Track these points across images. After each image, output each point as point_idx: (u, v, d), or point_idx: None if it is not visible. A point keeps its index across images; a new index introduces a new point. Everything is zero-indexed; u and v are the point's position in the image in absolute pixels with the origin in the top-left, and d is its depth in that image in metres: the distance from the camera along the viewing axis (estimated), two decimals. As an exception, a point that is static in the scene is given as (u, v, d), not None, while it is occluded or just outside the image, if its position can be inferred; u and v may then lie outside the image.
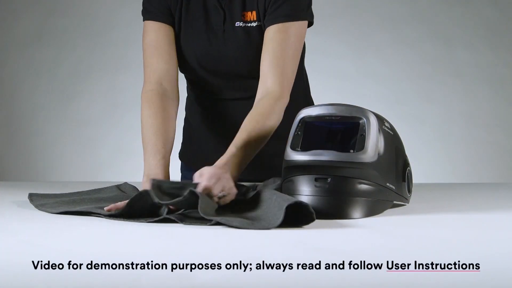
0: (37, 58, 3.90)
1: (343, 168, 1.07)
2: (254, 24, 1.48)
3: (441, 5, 3.81)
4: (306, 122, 1.15)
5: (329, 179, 1.08)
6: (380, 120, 1.14)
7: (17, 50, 3.91)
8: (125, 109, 3.84)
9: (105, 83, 3.88)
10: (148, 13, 1.54)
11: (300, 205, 0.98)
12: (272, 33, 1.43)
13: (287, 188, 1.12)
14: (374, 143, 1.09)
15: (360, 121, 1.11)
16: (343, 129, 1.13)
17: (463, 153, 3.82)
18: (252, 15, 1.48)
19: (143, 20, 1.56)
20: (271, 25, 1.43)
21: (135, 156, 3.66)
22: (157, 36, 1.51)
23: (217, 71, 1.52)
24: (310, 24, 1.48)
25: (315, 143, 1.12)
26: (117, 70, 3.85)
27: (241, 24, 1.49)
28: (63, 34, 3.89)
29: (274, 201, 1.02)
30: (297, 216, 0.99)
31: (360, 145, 1.08)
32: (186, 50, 1.52)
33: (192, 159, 1.65)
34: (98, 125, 3.88)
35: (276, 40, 1.43)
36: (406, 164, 1.20)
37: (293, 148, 1.12)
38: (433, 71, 3.78)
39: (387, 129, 1.15)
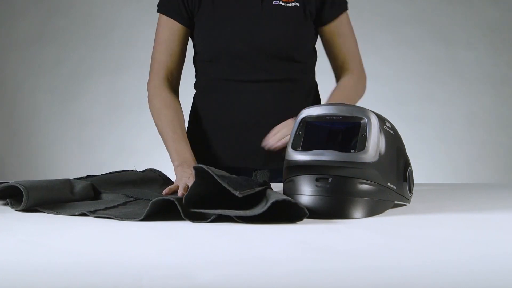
0: (38, 58, 3.90)
1: (344, 168, 1.07)
2: (292, 5, 1.56)
3: (442, 5, 3.81)
4: (307, 122, 1.15)
5: (330, 179, 1.08)
6: (381, 120, 1.14)
7: (18, 50, 3.92)
8: (126, 109, 3.84)
9: (106, 83, 3.88)
10: (164, 8, 1.60)
11: (289, 203, 0.99)
12: (338, 29, 1.61)
13: (288, 188, 1.12)
14: (375, 143, 1.09)
15: (361, 121, 1.11)
16: (344, 129, 1.13)
17: (463, 153, 3.82)
18: None
19: (158, 12, 1.62)
20: (337, 17, 1.61)
21: (136, 155, 3.67)
22: (171, 34, 1.60)
23: (251, 49, 1.55)
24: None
25: (316, 143, 1.12)
26: (118, 70, 3.86)
27: (279, 3, 1.56)
28: (64, 35, 3.89)
29: (266, 196, 1.03)
30: (290, 214, 1.00)
31: (361, 145, 1.08)
32: (220, 28, 1.56)
33: (205, 156, 1.63)
34: (99, 125, 3.88)
35: (344, 35, 1.62)
36: (407, 164, 1.20)
37: (294, 148, 1.12)
38: (434, 71, 3.78)
39: (388, 129, 1.15)
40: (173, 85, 1.62)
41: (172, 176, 1.49)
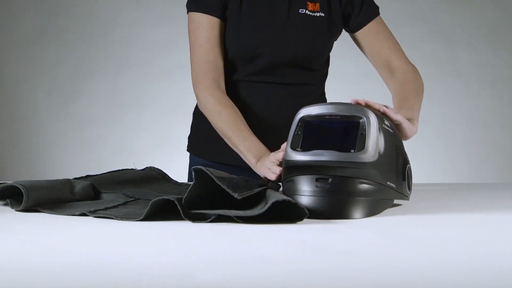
0: (38, 58, 3.90)
1: (344, 168, 1.07)
2: (317, 14, 1.57)
3: (442, 5, 3.81)
4: (306, 121, 1.14)
5: (329, 179, 1.07)
6: (380, 118, 1.14)
7: (18, 50, 3.92)
8: (126, 109, 3.84)
9: (106, 83, 3.88)
10: (198, 5, 1.56)
11: (289, 203, 0.99)
12: (375, 28, 1.60)
13: (288, 188, 1.12)
14: (374, 142, 1.09)
15: (360, 120, 1.10)
16: (343, 128, 1.13)
17: (464, 153, 3.82)
18: (315, 6, 1.57)
19: (191, 11, 1.57)
20: (368, 22, 1.59)
21: (136, 155, 3.67)
22: (212, 31, 1.55)
23: (273, 55, 1.55)
24: None
25: (315, 143, 1.11)
26: (118, 70, 3.85)
27: (305, 12, 1.56)
28: (64, 34, 3.89)
29: (266, 197, 1.03)
30: (290, 214, 1.00)
31: (360, 144, 1.08)
32: (245, 30, 1.55)
33: (218, 149, 1.63)
34: (99, 125, 3.88)
35: (383, 32, 1.61)
36: (405, 161, 1.20)
37: (293, 148, 1.12)
38: (434, 71, 3.78)
39: (387, 127, 1.15)
40: (222, 85, 1.57)
41: (172, 176, 1.49)
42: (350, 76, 3.69)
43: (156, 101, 3.78)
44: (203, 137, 1.66)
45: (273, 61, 1.56)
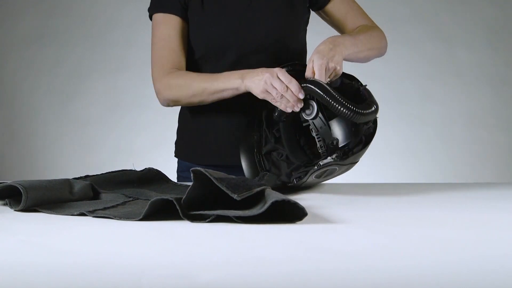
0: (37, 58, 3.90)
1: None
2: None
3: (442, 5, 3.81)
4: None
5: None
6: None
7: (17, 50, 3.92)
8: (125, 109, 3.84)
9: (106, 83, 3.88)
10: (158, 6, 1.55)
11: (288, 203, 0.99)
12: (335, 4, 1.61)
13: None
14: None
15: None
16: None
17: (463, 153, 3.83)
18: None
19: (152, 14, 1.57)
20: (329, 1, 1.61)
21: (135, 155, 3.67)
22: (171, 29, 1.54)
23: (244, 44, 1.53)
24: None
25: None
26: (118, 70, 3.85)
27: None
28: (64, 34, 3.89)
29: (266, 196, 1.03)
30: (290, 214, 1.00)
31: None
32: (210, 25, 1.53)
33: (204, 151, 1.62)
34: (98, 125, 3.88)
35: (345, 2, 1.62)
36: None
37: None
38: (434, 71, 3.78)
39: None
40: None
41: (172, 176, 1.49)
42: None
43: (155, 101, 3.76)
44: (188, 141, 1.65)
45: (245, 51, 1.54)
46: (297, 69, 1.43)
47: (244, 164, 1.45)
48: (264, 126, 1.46)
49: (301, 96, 1.32)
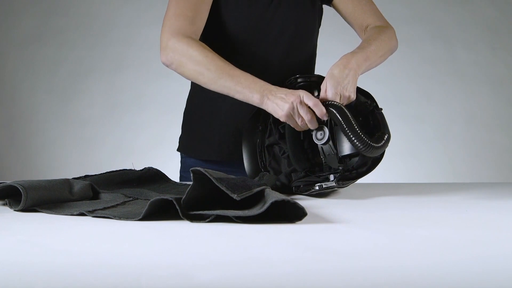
0: (37, 58, 3.90)
1: None
2: None
3: (441, 5, 3.81)
4: None
5: None
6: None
7: (17, 50, 3.92)
8: (125, 109, 3.84)
9: (105, 83, 3.88)
10: None
11: (288, 203, 0.99)
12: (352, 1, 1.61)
13: None
14: None
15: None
16: None
17: (463, 153, 3.83)
18: None
19: None
20: None
21: (135, 155, 3.67)
22: None
23: (264, 37, 1.54)
24: None
25: None
26: (117, 70, 3.86)
27: None
28: (63, 34, 3.90)
29: (265, 196, 1.03)
30: (289, 214, 1.00)
31: None
32: (235, 15, 1.53)
33: (209, 146, 1.62)
34: (97, 124, 3.88)
35: (357, 1, 1.62)
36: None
37: None
38: (433, 71, 3.78)
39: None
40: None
41: (172, 176, 1.49)
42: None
43: (155, 101, 3.78)
44: (194, 136, 1.65)
45: (263, 45, 1.55)
46: (312, 80, 1.43)
47: (244, 153, 1.45)
48: (271, 120, 1.46)
49: (325, 118, 1.32)
